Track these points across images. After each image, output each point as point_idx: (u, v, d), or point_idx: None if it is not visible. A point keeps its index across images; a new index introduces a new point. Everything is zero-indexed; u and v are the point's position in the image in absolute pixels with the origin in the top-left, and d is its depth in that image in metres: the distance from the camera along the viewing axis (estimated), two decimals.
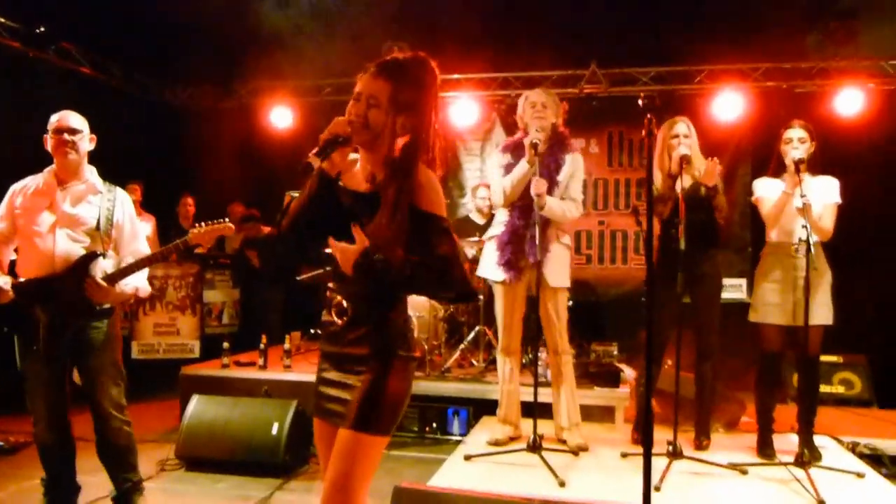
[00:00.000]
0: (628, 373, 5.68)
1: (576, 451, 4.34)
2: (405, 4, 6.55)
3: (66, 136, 3.32)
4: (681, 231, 4.12)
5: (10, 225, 3.38)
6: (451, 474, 4.03)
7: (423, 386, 5.49)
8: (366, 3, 6.57)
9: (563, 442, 4.44)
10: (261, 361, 5.89)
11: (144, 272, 3.51)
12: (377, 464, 2.19)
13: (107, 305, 3.39)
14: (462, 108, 7.45)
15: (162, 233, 7.38)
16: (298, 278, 7.14)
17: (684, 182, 4.29)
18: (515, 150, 4.36)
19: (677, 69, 7.13)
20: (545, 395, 4.52)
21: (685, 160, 4.25)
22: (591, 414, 5.22)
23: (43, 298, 3.27)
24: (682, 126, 4.51)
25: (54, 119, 3.37)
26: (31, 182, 3.42)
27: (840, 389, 6.07)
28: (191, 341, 6.96)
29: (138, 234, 3.56)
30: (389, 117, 2.16)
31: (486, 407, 5.17)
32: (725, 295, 7.12)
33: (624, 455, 4.35)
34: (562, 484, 3.79)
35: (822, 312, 4.23)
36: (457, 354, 6.07)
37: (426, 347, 5.85)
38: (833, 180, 4.32)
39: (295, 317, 7.41)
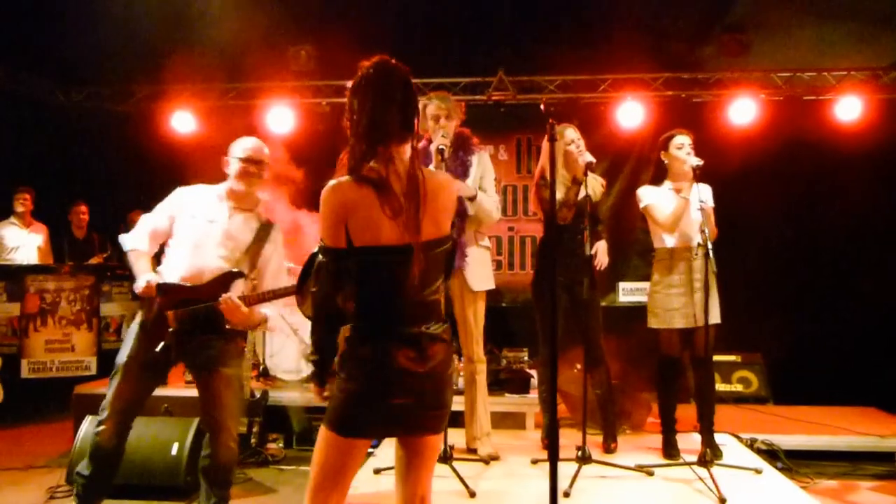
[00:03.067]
0: (538, 378, 5.71)
1: (487, 461, 4.32)
2: (310, 9, 6.43)
3: (254, 167, 3.43)
4: (586, 236, 4.16)
5: (169, 226, 3.40)
6: (360, 489, 3.94)
7: None
8: (270, 7, 6.40)
9: (474, 451, 4.42)
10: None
11: (275, 307, 3.46)
12: None
13: (233, 330, 3.35)
14: None
15: (54, 243, 7.01)
16: None
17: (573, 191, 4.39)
18: (423, 159, 4.31)
19: (582, 78, 7.26)
20: (457, 404, 4.49)
21: (590, 167, 4.31)
22: (501, 421, 5.24)
23: (177, 304, 3.26)
24: (572, 132, 4.58)
25: (247, 148, 3.48)
26: (205, 192, 3.47)
27: (738, 387, 6.31)
28: (87, 358, 6.61)
29: (283, 270, 3.55)
30: None
31: None
32: (630, 298, 7.40)
33: (534, 461, 4.36)
34: (472, 494, 3.76)
35: (716, 312, 4.37)
36: None
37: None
38: (707, 186, 4.47)
39: None
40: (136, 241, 3.41)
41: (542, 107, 7.08)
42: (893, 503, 4.32)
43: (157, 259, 3.49)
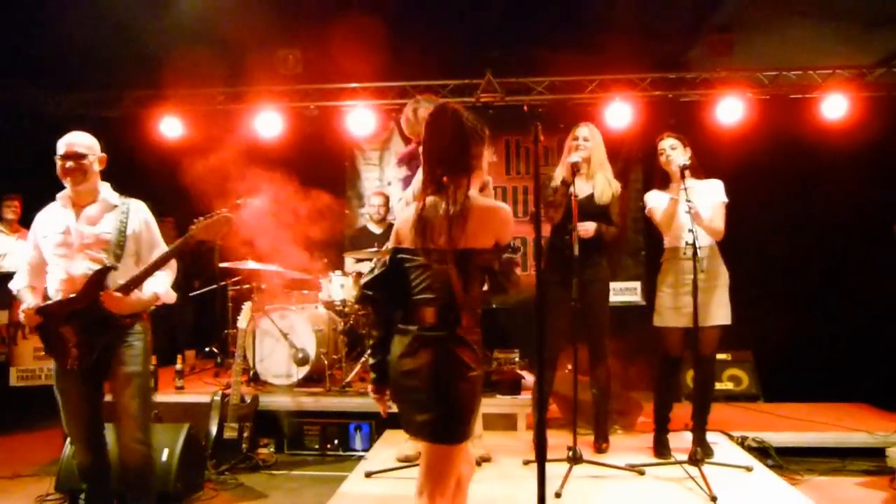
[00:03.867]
0: (529, 380, 5.72)
1: (479, 462, 4.32)
2: (299, 12, 6.41)
3: (70, 162, 3.38)
4: (574, 237, 4.17)
5: (38, 254, 3.45)
6: (351, 493, 3.94)
7: (324, 402, 5.39)
8: (258, 11, 6.38)
9: None
10: (151, 383, 5.61)
11: (167, 278, 3.48)
12: None
13: (129, 317, 3.37)
14: (359, 117, 7.36)
15: None
16: (191, 294, 6.91)
17: (578, 189, 4.37)
18: (411, 162, 4.32)
19: (570, 79, 7.27)
20: None
21: (575, 167, 4.33)
22: (493, 422, 5.24)
23: (66, 318, 3.30)
24: (584, 129, 4.61)
25: (61, 144, 3.42)
26: (50, 209, 3.48)
27: (729, 385, 6.33)
28: None
29: (155, 243, 3.51)
30: None
31: (389, 421, 5.06)
32: (621, 298, 7.41)
33: (526, 462, 4.37)
34: None
35: (720, 313, 4.39)
36: (357, 368, 5.95)
37: (326, 362, 5.73)
38: (717, 182, 4.51)
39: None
40: (17, 282, 3.52)
41: (525, 108, 7.10)
42: (883, 498, 4.34)
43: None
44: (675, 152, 4.42)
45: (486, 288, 2.59)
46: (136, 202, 3.56)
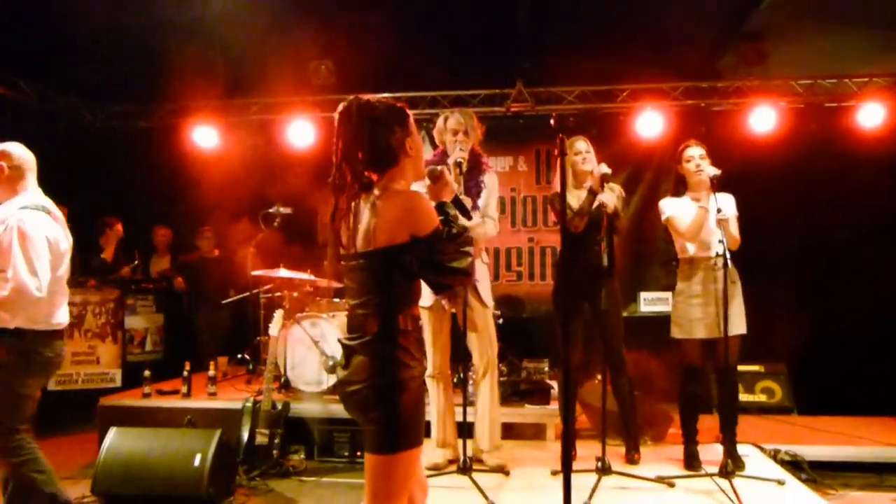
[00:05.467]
0: (559, 389, 5.71)
1: (505, 472, 4.32)
2: (331, 23, 6.49)
3: None
4: (603, 247, 4.18)
5: None
6: None
7: None
8: (291, 22, 6.48)
9: (480, 461, 4.40)
10: (184, 389, 5.72)
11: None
12: None
13: None
14: None
15: (83, 257, 7.12)
16: (224, 301, 7.01)
17: (582, 199, 4.42)
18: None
19: (601, 88, 7.27)
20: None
21: (606, 178, 4.34)
22: (522, 431, 5.24)
23: None
24: (582, 143, 4.64)
25: None
26: None
27: (762, 398, 6.24)
28: (111, 370, 6.70)
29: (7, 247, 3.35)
30: None
31: None
32: (651, 308, 7.36)
33: (554, 473, 4.36)
34: None
35: (739, 322, 4.35)
36: None
37: None
38: (730, 196, 4.46)
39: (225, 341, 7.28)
40: None
41: (551, 122, 7.09)
42: None
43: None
44: (705, 161, 4.39)
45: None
46: (19, 211, 3.41)
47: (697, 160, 4.41)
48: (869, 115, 6.73)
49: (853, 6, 5.82)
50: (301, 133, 7.42)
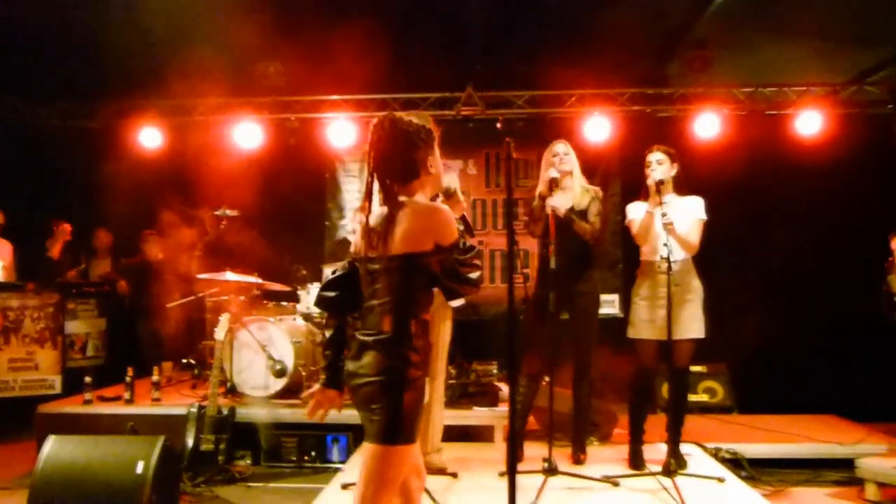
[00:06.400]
0: (507, 391, 5.74)
1: (455, 474, 4.34)
2: (280, 24, 6.43)
3: None
4: (551, 251, 4.22)
5: None
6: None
7: (301, 414, 5.35)
8: (240, 22, 6.40)
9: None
10: (127, 395, 5.60)
11: None
12: None
13: None
14: (340, 129, 7.39)
15: (25, 260, 6.93)
16: (169, 305, 6.88)
17: (560, 203, 4.44)
18: None
19: (550, 93, 7.35)
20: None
21: (554, 183, 4.39)
22: (471, 433, 5.25)
23: None
24: (561, 146, 4.68)
25: None
26: None
27: (704, 397, 6.39)
28: (51, 376, 6.51)
29: None
30: None
31: None
32: (602, 310, 7.40)
33: (501, 474, 4.38)
34: None
35: (694, 326, 4.42)
36: None
37: (304, 374, 5.73)
38: (698, 199, 4.56)
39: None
40: None
41: (497, 125, 7.19)
42: None
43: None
44: (660, 167, 4.47)
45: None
46: None
47: (653, 165, 4.49)
48: (806, 123, 6.95)
49: (793, 17, 5.99)
50: (248, 135, 7.33)
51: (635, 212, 4.62)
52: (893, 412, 4.84)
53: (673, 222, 4.29)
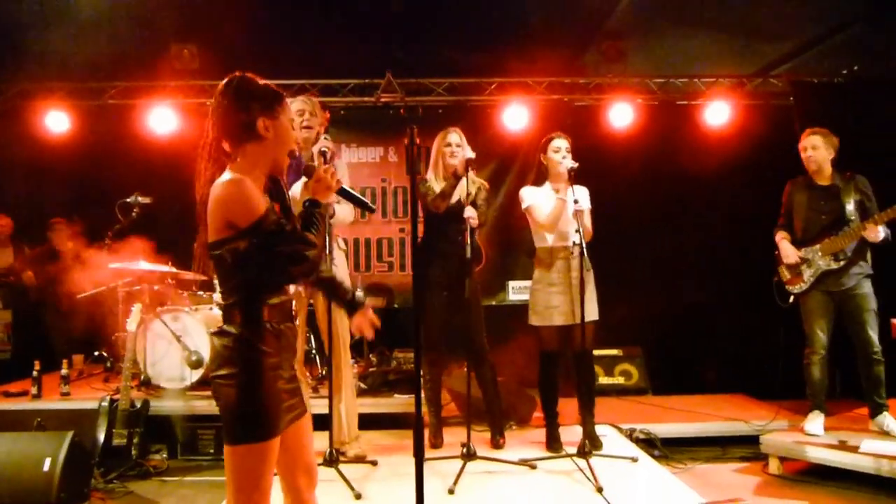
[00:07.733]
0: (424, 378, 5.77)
1: (375, 462, 4.35)
2: (194, 7, 6.24)
3: None
4: (466, 237, 4.27)
5: None
6: None
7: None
8: (152, 3, 6.18)
9: (343, 454, 4.37)
10: (34, 390, 5.38)
11: None
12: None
13: None
14: None
15: None
16: (79, 296, 6.62)
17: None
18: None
19: (469, 81, 7.38)
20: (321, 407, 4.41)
21: (470, 163, 4.44)
22: (390, 421, 5.27)
23: None
24: (455, 136, 4.72)
25: None
26: None
27: (620, 380, 6.58)
28: None
29: None
30: None
31: None
32: (521, 297, 7.55)
33: None
34: (357, 496, 3.79)
35: (592, 309, 4.56)
36: None
37: None
38: (584, 189, 4.66)
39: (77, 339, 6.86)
40: None
41: (402, 111, 7.24)
42: (756, 482, 4.63)
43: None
44: (569, 154, 4.56)
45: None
46: None
47: (564, 152, 4.56)
48: (715, 114, 7.19)
49: (703, 10, 6.19)
50: (162, 119, 7.09)
51: (534, 197, 4.66)
52: (797, 390, 5.10)
53: (584, 210, 4.41)
